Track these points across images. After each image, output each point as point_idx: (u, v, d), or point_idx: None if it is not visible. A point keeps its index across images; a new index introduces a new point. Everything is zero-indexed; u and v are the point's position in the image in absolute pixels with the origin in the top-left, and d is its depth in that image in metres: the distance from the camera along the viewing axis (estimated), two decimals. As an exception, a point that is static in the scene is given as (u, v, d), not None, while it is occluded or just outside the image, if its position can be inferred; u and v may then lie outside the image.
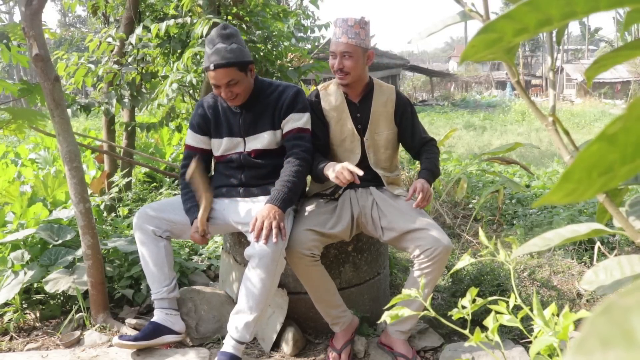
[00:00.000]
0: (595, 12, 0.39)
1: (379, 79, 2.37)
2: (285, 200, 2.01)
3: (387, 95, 2.30)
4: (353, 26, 2.11)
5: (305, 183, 2.18)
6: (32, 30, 2.11)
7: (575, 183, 0.34)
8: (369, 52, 2.18)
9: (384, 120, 2.28)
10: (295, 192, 2.08)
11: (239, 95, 2.13)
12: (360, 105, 2.28)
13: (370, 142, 2.27)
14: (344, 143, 2.28)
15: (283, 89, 2.23)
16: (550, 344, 0.82)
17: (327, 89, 2.30)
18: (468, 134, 12.57)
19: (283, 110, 2.18)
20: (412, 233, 2.01)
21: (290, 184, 2.04)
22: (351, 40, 2.11)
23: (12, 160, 5.77)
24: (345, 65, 2.14)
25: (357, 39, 2.11)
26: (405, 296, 0.97)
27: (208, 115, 2.25)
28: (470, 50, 0.45)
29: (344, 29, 2.11)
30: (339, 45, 2.13)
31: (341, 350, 2.11)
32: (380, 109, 2.28)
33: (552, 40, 0.67)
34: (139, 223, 2.16)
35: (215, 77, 2.05)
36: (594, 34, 40.00)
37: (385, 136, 2.29)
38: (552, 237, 0.66)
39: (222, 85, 2.08)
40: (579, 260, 3.18)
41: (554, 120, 0.58)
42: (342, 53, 2.13)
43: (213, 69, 2.04)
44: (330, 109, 2.27)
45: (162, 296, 2.19)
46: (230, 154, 2.24)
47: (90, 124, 12.69)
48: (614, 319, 0.22)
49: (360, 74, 2.20)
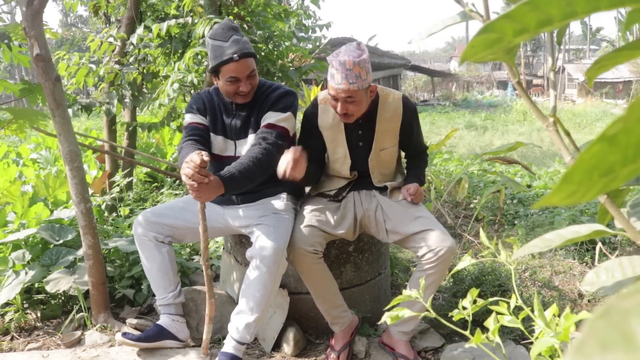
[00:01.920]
0: (596, 12, 0.39)
1: (381, 79, 2.34)
2: (233, 179, 1.85)
3: (393, 108, 2.13)
4: (352, 69, 1.91)
5: (263, 174, 1.98)
6: (33, 30, 2.11)
7: (575, 184, 0.34)
8: (371, 88, 2.02)
9: (390, 135, 2.16)
10: (247, 176, 1.90)
11: (253, 90, 2.09)
12: (363, 123, 2.14)
13: (375, 162, 2.19)
14: (336, 163, 2.21)
15: (272, 90, 2.15)
16: (551, 345, 0.81)
17: (326, 104, 2.15)
18: (469, 134, 12.57)
19: (264, 111, 2.10)
20: (416, 235, 2.00)
21: (242, 168, 1.89)
22: (353, 86, 1.92)
23: (13, 160, 5.77)
24: (349, 110, 1.99)
25: (359, 82, 1.92)
26: (406, 297, 0.97)
27: (206, 105, 2.18)
28: (470, 50, 0.45)
29: (343, 74, 1.91)
30: (339, 92, 1.95)
31: (340, 351, 2.11)
32: (385, 126, 2.14)
33: (552, 41, 0.67)
34: (140, 230, 2.12)
35: (238, 68, 1.99)
36: (595, 33, 39.94)
37: (390, 152, 2.20)
38: (553, 238, 0.65)
39: (243, 78, 2.02)
40: (580, 260, 3.18)
41: (554, 121, 0.58)
42: (344, 99, 1.97)
43: (237, 59, 1.97)
44: (325, 127, 2.17)
45: (168, 302, 2.18)
46: (224, 156, 2.18)
47: (91, 124, 12.70)
48: (613, 321, 0.22)
49: (365, 109, 2.07)
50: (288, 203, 2.15)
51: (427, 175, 4.33)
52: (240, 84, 2.04)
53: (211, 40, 2.03)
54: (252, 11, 3.88)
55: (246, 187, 1.96)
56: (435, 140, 9.72)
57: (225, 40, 2.00)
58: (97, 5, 4.16)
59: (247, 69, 2.01)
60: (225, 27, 2.03)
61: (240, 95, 2.08)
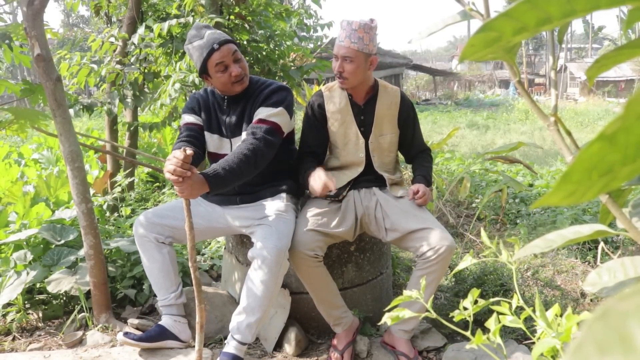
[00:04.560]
0: (596, 11, 0.38)
1: (382, 78, 2.35)
2: (217, 176, 1.85)
3: (392, 98, 2.25)
4: (357, 30, 2.04)
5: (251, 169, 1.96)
6: (34, 31, 2.12)
7: (575, 184, 0.34)
8: (371, 58, 2.12)
9: (388, 123, 2.25)
10: (233, 173, 1.89)
11: (245, 76, 2.11)
12: (365, 108, 2.24)
13: (374, 145, 2.25)
14: (347, 146, 2.26)
15: (266, 86, 2.16)
16: (553, 345, 0.81)
17: (331, 90, 2.26)
18: (471, 133, 12.56)
19: (256, 107, 2.11)
20: (415, 233, 2.00)
21: (226, 165, 1.88)
22: (353, 45, 2.04)
23: (15, 160, 5.78)
24: (345, 70, 2.09)
25: (360, 44, 2.05)
26: (407, 297, 0.97)
27: (201, 105, 2.21)
28: (469, 49, 0.44)
29: (348, 33, 2.05)
30: (340, 48, 2.08)
31: (343, 350, 2.11)
32: (385, 112, 2.24)
33: (553, 39, 0.66)
34: (141, 230, 2.13)
35: (222, 54, 2.03)
36: (597, 32, 39.86)
37: (389, 139, 2.27)
38: (555, 238, 0.65)
39: (230, 63, 2.05)
40: (582, 259, 3.17)
41: (555, 121, 0.58)
42: (344, 57, 2.08)
43: (218, 47, 2.01)
44: (334, 110, 2.24)
45: (170, 303, 2.19)
46: (219, 154, 2.18)
47: (93, 124, 12.73)
48: (611, 323, 0.21)
49: (361, 79, 2.15)
50: (288, 203, 2.15)
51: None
52: (230, 69, 2.06)
53: (189, 45, 2.07)
54: (254, 11, 3.88)
55: (234, 184, 1.94)
56: (437, 139, 9.70)
57: (202, 38, 2.04)
58: (98, 5, 4.16)
59: (230, 53, 2.05)
60: (198, 27, 2.07)
61: (236, 83, 2.09)
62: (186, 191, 1.77)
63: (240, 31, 3.80)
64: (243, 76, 2.10)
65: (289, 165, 2.27)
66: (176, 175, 1.73)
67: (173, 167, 1.73)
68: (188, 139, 2.09)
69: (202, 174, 1.83)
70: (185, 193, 1.78)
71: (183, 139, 2.10)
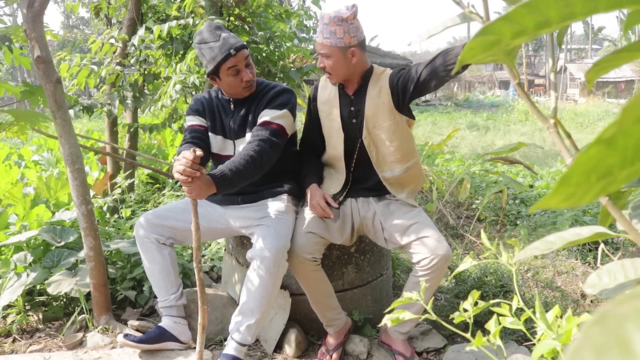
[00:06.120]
0: (595, 14, 0.39)
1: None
2: (224, 177, 1.86)
3: (380, 84, 2.07)
4: (328, 24, 1.93)
5: (256, 171, 1.97)
6: (34, 32, 2.12)
7: (573, 187, 0.34)
8: (351, 50, 1.98)
9: (382, 111, 2.06)
10: (240, 174, 1.90)
11: (254, 82, 2.14)
12: (355, 98, 2.12)
13: (370, 139, 2.10)
14: (330, 139, 2.19)
15: (270, 88, 2.17)
16: (553, 347, 0.81)
17: (326, 81, 2.21)
18: (471, 134, 12.56)
19: (261, 109, 2.12)
20: (411, 244, 1.99)
21: (233, 166, 1.90)
22: (326, 41, 1.96)
23: (15, 162, 5.78)
24: (327, 65, 2.02)
25: (333, 39, 1.94)
26: (406, 300, 0.97)
27: (205, 107, 2.22)
28: (469, 52, 0.44)
29: (321, 28, 1.96)
30: (317, 44, 2.02)
31: (334, 350, 2.14)
32: (375, 100, 2.06)
33: (553, 42, 0.66)
34: (141, 231, 2.13)
35: (237, 60, 2.04)
36: (597, 33, 39.87)
37: (387, 127, 2.07)
38: (555, 240, 0.65)
39: (242, 68, 2.06)
40: (583, 260, 3.17)
41: (555, 122, 0.58)
42: (320, 53, 2.01)
43: (235, 53, 2.02)
44: (323, 101, 2.19)
45: (170, 304, 2.19)
46: (223, 156, 2.19)
47: (93, 126, 12.73)
48: (609, 327, 0.21)
49: (346, 72, 2.04)
50: (289, 204, 2.15)
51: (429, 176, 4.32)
52: (242, 75, 2.07)
53: (202, 44, 2.05)
54: (253, 12, 3.88)
55: (240, 185, 1.95)
56: (437, 140, 9.71)
57: (217, 40, 2.02)
58: (98, 7, 4.16)
59: (243, 57, 2.06)
60: (212, 28, 2.06)
61: (245, 87, 2.11)
62: (194, 191, 1.78)
63: (240, 32, 3.80)
64: (253, 82, 2.12)
65: (291, 167, 2.28)
66: (185, 175, 1.75)
67: (182, 167, 1.74)
68: (193, 141, 2.10)
69: (210, 174, 1.84)
70: (193, 193, 1.79)
71: (188, 140, 2.11)
